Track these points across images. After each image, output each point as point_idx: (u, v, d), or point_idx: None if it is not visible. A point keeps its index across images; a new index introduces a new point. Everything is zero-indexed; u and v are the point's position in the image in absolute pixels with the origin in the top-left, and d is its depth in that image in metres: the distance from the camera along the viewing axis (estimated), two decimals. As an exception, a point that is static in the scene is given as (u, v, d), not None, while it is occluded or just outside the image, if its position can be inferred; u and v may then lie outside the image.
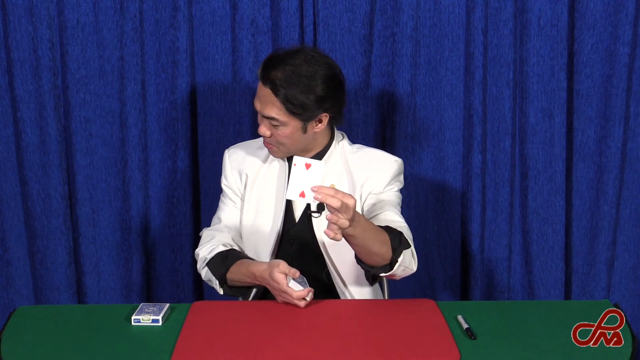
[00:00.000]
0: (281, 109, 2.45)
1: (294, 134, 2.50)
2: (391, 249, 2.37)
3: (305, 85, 2.43)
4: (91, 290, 3.35)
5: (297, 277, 2.35)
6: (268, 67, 2.46)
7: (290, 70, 2.43)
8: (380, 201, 2.57)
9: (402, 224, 2.50)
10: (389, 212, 2.54)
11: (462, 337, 2.17)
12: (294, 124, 2.48)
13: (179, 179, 3.29)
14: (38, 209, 3.28)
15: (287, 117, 2.46)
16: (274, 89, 2.44)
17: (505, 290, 3.37)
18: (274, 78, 2.44)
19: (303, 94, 2.43)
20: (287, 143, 2.52)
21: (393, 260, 2.39)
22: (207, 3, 3.13)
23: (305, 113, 2.46)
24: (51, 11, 3.13)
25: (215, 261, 2.57)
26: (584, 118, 3.25)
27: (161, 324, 2.27)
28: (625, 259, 3.38)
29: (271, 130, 2.50)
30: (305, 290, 2.34)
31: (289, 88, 2.42)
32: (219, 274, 2.56)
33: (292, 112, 2.45)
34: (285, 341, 2.17)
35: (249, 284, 2.54)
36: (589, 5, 3.15)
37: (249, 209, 2.66)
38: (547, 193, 3.30)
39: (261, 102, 2.48)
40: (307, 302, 2.35)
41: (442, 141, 3.25)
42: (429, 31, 3.17)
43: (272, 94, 2.45)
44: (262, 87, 2.47)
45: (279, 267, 2.36)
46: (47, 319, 2.35)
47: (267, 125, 2.50)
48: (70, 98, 3.19)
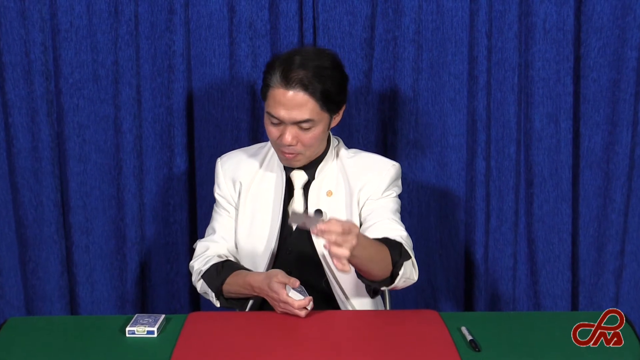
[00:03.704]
0: (315, 107, 2.43)
1: (322, 134, 2.49)
2: (392, 263, 2.35)
3: (330, 76, 2.44)
4: (84, 300, 3.32)
5: (297, 286, 2.31)
6: (288, 71, 2.41)
7: (313, 67, 2.41)
8: (379, 208, 2.55)
9: (402, 233, 2.48)
10: (388, 220, 2.51)
11: (465, 349, 2.14)
12: (325, 122, 2.48)
13: (175, 186, 3.27)
14: (30, 217, 3.26)
15: (321, 114, 2.45)
16: (306, 89, 2.40)
17: (510, 300, 3.35)
18: (302, 78, 2.40)
19: (334, 86, 2.44)
20: (314, 145, 2.50)
21: (394, 274, 2.37)
22: (203, 6, 3.12)
23: (337, 105, 2.49)
24: (44, 14, 3.11)
25: (211, 273, 2.54)
26: (590, 124, 3.23)
27: (156, 336, 2.23)
28: (633, 269, 3.35)
29: (298, 136, 2.46)
30: (306, 300, 2.30)
31: (321, 83, 2.41)
32: (215, 286, 2.53)
33: (327, 107, 2.45)
34: (284, 353, 2.13)
35: (246, 295, 2.51)
36: (596, 8, 3.13)
37: (244, 218, 2.63)
38: (553, 201, 3.28)
39: (288, 108, 2.42)
40: (308, 312, 2.32)
41: (445, 147, 3.23)
42: (432, 35, 3.15)
43: (304, 95, 2.41)
44: (285, 93, 2.41)
45: (277, 277, 2.32)
46: (39, 330, 2.32)
47: (294, 132, 2.45)
48: (64, 103, 3.17)
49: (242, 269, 2.55)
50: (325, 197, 2.57)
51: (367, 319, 2.41)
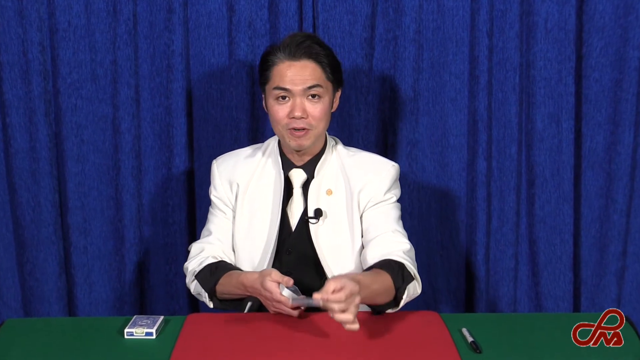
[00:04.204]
0: (322, 75, 2.52)
1: (328, 109, 2.55)
2: (394, 289, 2.38)
3: (329, 50, 2.56)
4: (82, 302, 3.31)
5: (291, 285, 2.31)
6: (292, 45, 2.51)
7: (315, 41, 2.53)
8: (381, 218, 2.56)
9: (404, 246, 2.50)
10: (392, 234, 2.53)
11: (466, 351, 2.15)
12: (329, 95, 2.55)
13: (173, 186, 3.25)
14: (27, 218, 3.24)
15: (326, 83, 2.53)
16: (313, 56, 2.51)
17: (512, 302, 3.34)
18: (307, 47, 2.51)
19: (334, 59, 2.57)
20: (322, 120, 2.53)
21: (398, 298, 2.40)
22: (202, 5, 3.11)
23: (338, 81, 2.58)
24: (42, 13, 3.10)
25: (204, 274, 2.54)
26: (592, 124, 3.22)
27: (155, 337, 2.24)
28: (636, 270, 3.34)
29: (307, 109, 2.50)
30: (300, 299, 2.29)
31: (325, 52, 2.53)
32: (208, 286, 2.53)
33: (333, 76, 2.54)
34: (283, 354, 2.13)
35: (239, 296, 2.50)
36: (598, 8, 3.12)
37: (241, 219, 2.63)
38: (555, 201, 3.27)
39: (298, 75, 2.50)
40: (301, 312, 2.32)
41: (446, 147, 3.22)
42: (432, 34, 3.14)
43: (311, 62, 2.50)
44: (293, 64, 2.50)
45: (270, 276, 2.31)
46: (37, 332, 2.32)
47: (303, 105, 2.51)
48: (62, 103, 3.15)
49: (237, 269, 2.55)
50: (325, 196, 2.57)
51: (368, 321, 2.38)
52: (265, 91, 2.56)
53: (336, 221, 2.56)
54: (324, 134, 2.61)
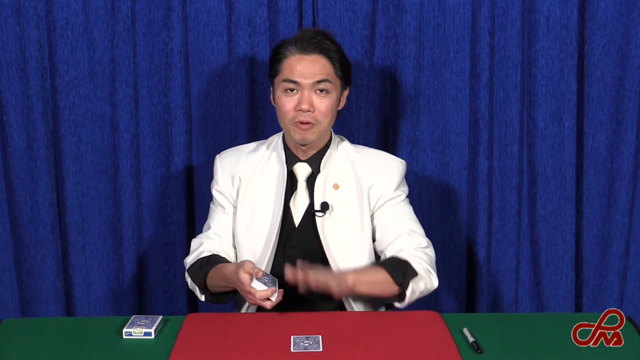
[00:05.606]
0: (331, 71, 2.54)
1: (334, 105, 2.57)
2: (396, 283, 2.42)
3: (339, 48, 2.58)
4: (81, 302, 3.30)
5: (261, 276, 2.31)
6: (304, 40, 2.53)
7: (326, 37, 2.56)
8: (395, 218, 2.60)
9: (420, 244, 2.54)
10: (407, 236, 2.56)
11: (467, 351, 2.14)
12: (337, 92, 2.56)
13: (172, 185, 3.25)
14: (25, 217, 3.24)
15: (335, 80, 2.55)
16: (324, 52, 2.53)
17: (513, 302, 3.34)
18: (318, 42, 2.53)
19: (344, 56, 2.59)
20: (328, 116, 2.55)
21: (402, 294, 2.42)
22: (202, 3, 3.11)
23: (347, 79, 2.60)
24: (39, 11, 3.10)
25: (195, 267, 2.57)
26: (594, 122, 3.22)
27: (154, 337, 2.24)
28: (638, 270, 3.35)
29: (315, 103, 2.52)
30: (269, 290, 2.30)
31: (335, 48, 2.55)
32: (199, 279, 2.55)
33: (341, 73, 2.56)
34: (283, 355, 2.11)
35: (226, 288, 2.51)
36: (600, 5, 3.12)
37: (243, 213, 2.64)
38: (557, 200, 3.27)
39: (308, 69, 2.52)
40: (273, 303, 2.32)
41: (447, 146, 3.23)
42: (433, 32, 3.14)
43: (321, 57, 2.53)
44: (303, 58, 2.52)
45: (244, 267, 2.32)
46: (35, 332, 2.31)
47: (311, 98, 2.52)
48: (59, 101, 3.15)
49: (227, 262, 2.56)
50: (331, 190, 2.58)
51: (368, 320, 2.39)
52: (274, 84, 2.57)
53: (344, 215, 2.57)
54: (329, 131, 2.62)
